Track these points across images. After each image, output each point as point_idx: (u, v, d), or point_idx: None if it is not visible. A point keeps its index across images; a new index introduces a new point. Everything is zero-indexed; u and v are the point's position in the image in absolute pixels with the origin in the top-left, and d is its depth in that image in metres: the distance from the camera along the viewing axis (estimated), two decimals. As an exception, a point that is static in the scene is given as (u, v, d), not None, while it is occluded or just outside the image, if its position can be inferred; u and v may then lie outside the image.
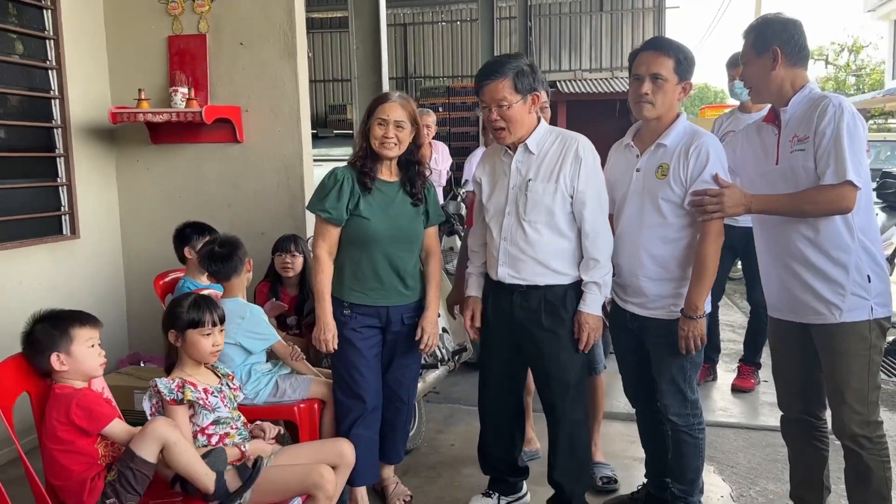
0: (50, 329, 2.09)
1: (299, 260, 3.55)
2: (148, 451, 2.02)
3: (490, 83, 2.57)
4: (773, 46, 2.41)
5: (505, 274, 2.69)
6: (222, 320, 2.45)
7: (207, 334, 2.36)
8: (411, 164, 2.81)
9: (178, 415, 2.23)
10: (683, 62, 2.54)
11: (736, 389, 4.45)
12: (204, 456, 2.15)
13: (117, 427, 2.08)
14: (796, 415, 2.63)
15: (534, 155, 2.64)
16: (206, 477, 2.11)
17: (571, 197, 2.59)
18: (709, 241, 2.49)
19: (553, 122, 10.74)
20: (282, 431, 2.55)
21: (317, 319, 2.77)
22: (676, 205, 2.54)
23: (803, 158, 2.35)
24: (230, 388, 2.44)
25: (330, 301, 2.76)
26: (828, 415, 2.56)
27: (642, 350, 2.71)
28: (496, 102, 2.57)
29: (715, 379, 4.61)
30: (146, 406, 2.25)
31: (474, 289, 2.88)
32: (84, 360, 2.11)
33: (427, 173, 2.88)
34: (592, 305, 2.62)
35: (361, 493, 2.90)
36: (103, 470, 2.03)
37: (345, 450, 2.53)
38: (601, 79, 13.48)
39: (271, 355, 3.01)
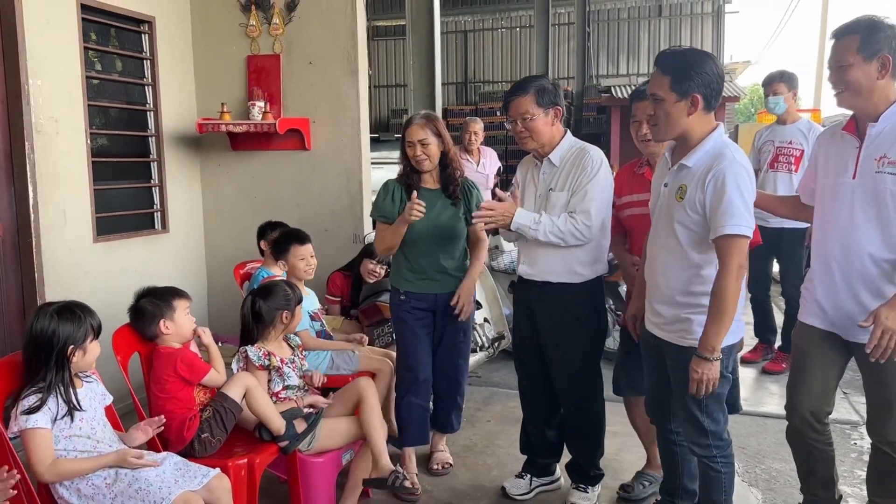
0: (156, 301, 2.63)
1: (383, 272, 4.03)
2: (235, 394, 2.58)
3: (515, 99, 2.92)
4: (883, 53, 2.27)
5: (524, 270, 3.05)
6: (299, 302, 2.97)
7: (293, 316, 2.91)
8: (444, 168, 3.25)
9: (261, 377, 2.77)
10: (681, 78, 2.33)
11: (766, 371, 4.98)
12: (282, 412, 2.69)
13: (212, 376, 2.62)
14: (805, 420, 2.58)
15: (556, 167, 2.97)
16: (277, 419, 2.65)
17: (574, 198, 2.88)
18: (728, 276, 2.27)
19: (606, 125, 10.97)
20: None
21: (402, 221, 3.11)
22: (691, 231, 2.39)
23: (893, 183, 2.27)
24: (299, 358, 2.95)
25: (395, 225, 3.16)
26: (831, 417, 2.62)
27: (663, 369, 2.60)
28: (520, 116, 2.90)
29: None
30: (234, 368, 2.80)
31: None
32: (182, 325, 2.65)
33: (457, 174, 3.26)
34: (522, 214, 2.84)
35: (410, 453, 3.38)
36: (198, 413, 2.56)
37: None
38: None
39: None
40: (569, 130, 3.08)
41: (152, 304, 2.62)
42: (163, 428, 2.44)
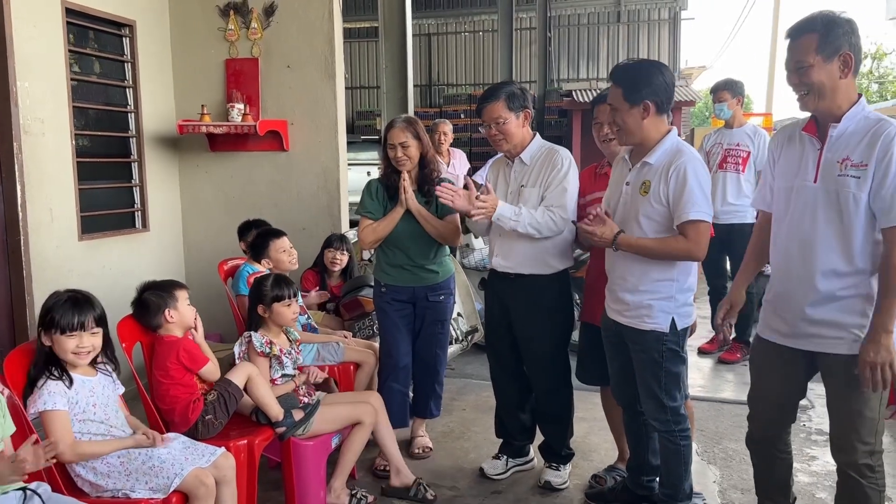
0: (160, 293, 2.77)
1: (345, 258, 4.21)
2: (239, 380, 2.75)
3: (488, 105, 3.14)
4: (844, 51, 2.17)
5: (497, 263, 3.25)
6: (296, 294, 3.12)
7: (288, 305, 3.05)
8: (422, 169, 3.44)
9: (261, 364, 2.94)
10: (631, 88, 2.58)
11: (722, 361, 5.24)
12: (279, 398, 2.86)
13: (210, 368, 2.77)
14: (766, 432, 2.58)
15: (527, 165, 3.19)
16: (276, 406, 2.82)
17: (546, 193, 3.09)
18: (688, 245, 2.56)
19: (567, 129, 11.23)
20: (329, 381, 3.24)
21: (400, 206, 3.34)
22: (656, 222, 2.63)
23: (856, 187, 2.18)
24: (295, 351, 3.12)
25: (386, 218, 3.36)
26: (798, 441, 2.75)
27: (626, 354, 2.81)
28: (494, 120, 3.13)
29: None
30: (237, 350, 2.97)
31: None
32: (185, 314, 2.79)
33: (433, 175, 3.45)
34: (504, 206, 3.02)
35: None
36: (201, 397, 2.71)
37: (372, 399, 3.20)
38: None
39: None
40: (537, 132, 3.30)
41: (156, 295, 2.76)
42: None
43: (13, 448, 2.08)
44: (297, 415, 2.89)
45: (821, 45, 2.17)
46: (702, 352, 5.37)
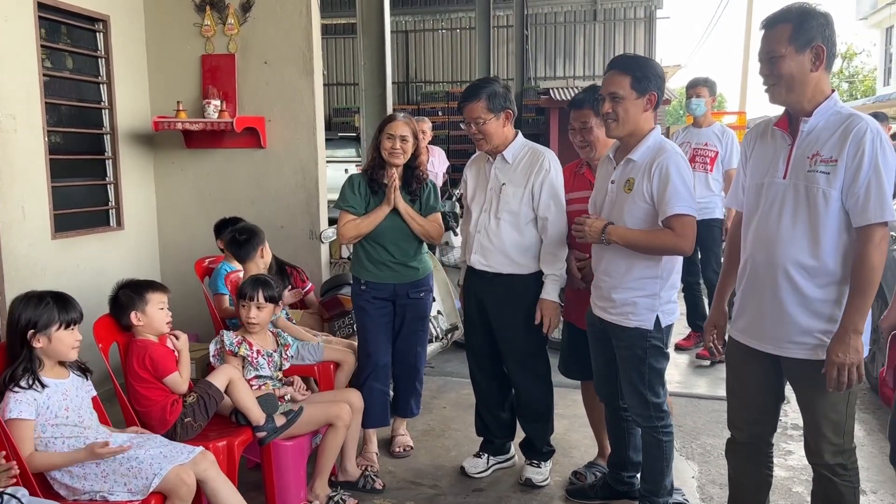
0: (130, 293, 2.72)
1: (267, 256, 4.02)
2: (220, 382, 2.72)
3: (468, 104, 3.11)
4: (816, 43, 2.14)
5: (476, 260, 3.22)
6: (271, 299, 3.06)
7: (244, 306, 3.01)
8: (410, 168, 3.43)
9: (232, 362, 2.90)
10: (641, 77, 2.59)
11: (699, 357, 5.22)
12: (258, 398, 2.82)
13: (174, 379, 2.69)
14: (747, 438, 2.51)
15: (509, 164, 3.18)
16: (257, 410, 2.79)
17: (533, 200, 3.11)
18: (674, 237, 2.57)
19: (545, 126, 11.23)
20: (304, 387, 3.22)
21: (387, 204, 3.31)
22: (639, 219, 2.63)
23: (826, 182, 2.13)
24: (282, 356, 3.10)
25: (371, 215, 3.34)
26: (775, 436, 2.54)
27: (610, 350, 2.83)
28: (474, 120, 3.11)
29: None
30: (211, 348, 2.93)
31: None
32: (154, 318, 2.73)
33: (424, 177, 3.47)
34: (552, 293, 3.11)
35: (370, 434, 3.55)
36: (179, 399, 2.67)
37: (352, 398, 3.18)
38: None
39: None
40: (520, 131, 3.28)
41: (127, 295, 2.72)
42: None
43: None
44: (279, 420, 2.86)
45: (794, 36, 2.14)
46: (679, 348, 5.42)
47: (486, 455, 3.50)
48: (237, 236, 3.67)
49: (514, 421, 3.51)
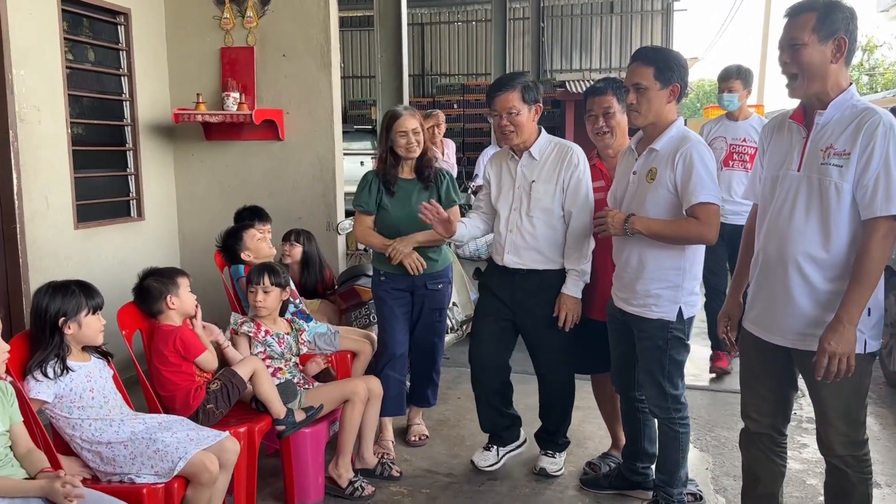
0: (162, 279, 2.79)
1: (296, 250, 4.11)
2: (244, 372, 2.80)
3: (502, 94, 3.06)
4: (840, 35, 2.14)
5: (510, 260, 3.16)
6: (277, 284, 3.12)
7: (252, 291, 3.11)
8: (421, 158, 3.45)
9: (239, 342, 3.02)
10: (665, 68, 2.62)
11: (715, 370, 4.86)
12: (278, 385, 2.90)
13: (206, 357, 2.79)
14: (760, 429, 2.50)
15: (536, 161, 3.13)
16: (278, 403, 2.87)
17: (564, 196, 3.07)
18: (700, 226, 2.59)
19: (560, 119, 11.22)
20: (328, 369, 3.27)
21: (388, 250, 3.35)
22: (662, 208, 2.64)
23: (838, 175, 2.13)
24: (297, 340, 3.18)
25: (379, 240, 3.40)
26: (789, 429, 2.54)
27: (630, 342, 2.85)
28: (507, 110, 3.06)
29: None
30: (227, 332, 3.01)
31: None
32: (186, 300, 2.82)
33: (433, 162, 3.49)
34: (573, 288, 3.09)
35: (386, 423, 3.59)
36: (203, 385, 2.73)
37: (372, 384, 3.23)
38: (618, 77, 13.99)
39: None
40: (542, 127, 3.25)
41: (158, 282, 2.79)
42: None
43: (27, 438, 2.12)
44: (299, 416, 2.92)
45: (818, 25, 2.13)
46: (716, 370, 4.92)
47: (495, 447, 3.45)
48: (226, 241, 3.77)
49: (517, 414, 3.49)
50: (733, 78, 4.69)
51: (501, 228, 3.22)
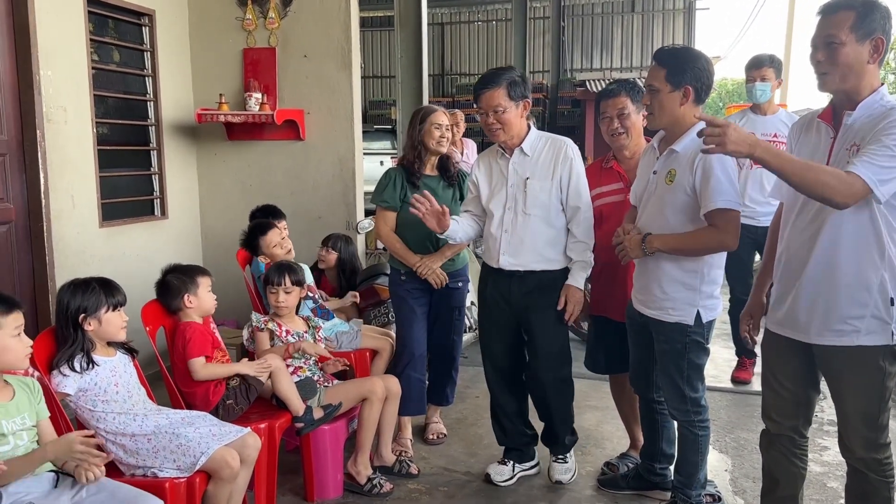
0: (182, 277, 2.84)
1: (331, 257, 4.12)
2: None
3: (487, 91, 2.96)
4: (877, 35, 2.09)
5: (505, 262, 3.07)
6: (297, 283, 3.16)
7: (273, 292, 3.13)
8: (443, 156, 3.50)
9: (261, 339, 3.06)
10: (676, 71, 2.56)
11: (736, 381, 4.66)
12: (297, 383, 2.93)
13: (194, 363, 2.75)
14: (781, 431, 2.46)
15: (529, 157, 3.04)
16: (297, 401, 2.90)
17: (561, 192, 3.02)
18: (716, 233, 2.53)
19: (580, 118, 11.14)
20: (346, 364, 3.31)
21: (418, 267, 3.40)
22: (680, 211, 2.60)
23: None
24: (315, 338, 3.21)
25: (405, 251, 3.44)
26: (810, 431, 2.51)
27: (649, 344, 2.82)
28: (492, 108, 2.97)
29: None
30: (245, 333, 3.08)
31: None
32: (204, 300, 2.86)
33: (455, 160, 3.53)
34: (578, 280, 3.02)
35: (405, 421, 3.61)
36: (223, 381, 2.77)
37: (390, 383, 3.25)
38: (631, 78, 13.95)
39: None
40: (531, 123, 3.19)
41: (178, 279, 2.83)
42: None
43: (53, 434, 2.16)
44: (318, 413, 2.95)
45: (856, 24, 2.08)
46: (736, 381, 4.74)
47: (511, 462, 3.38)
48: (249, 237, 3.81)
49: (535, 431, 3.42)
50: (766, 66, 4.41)
51: (494, 230, 3.11)
